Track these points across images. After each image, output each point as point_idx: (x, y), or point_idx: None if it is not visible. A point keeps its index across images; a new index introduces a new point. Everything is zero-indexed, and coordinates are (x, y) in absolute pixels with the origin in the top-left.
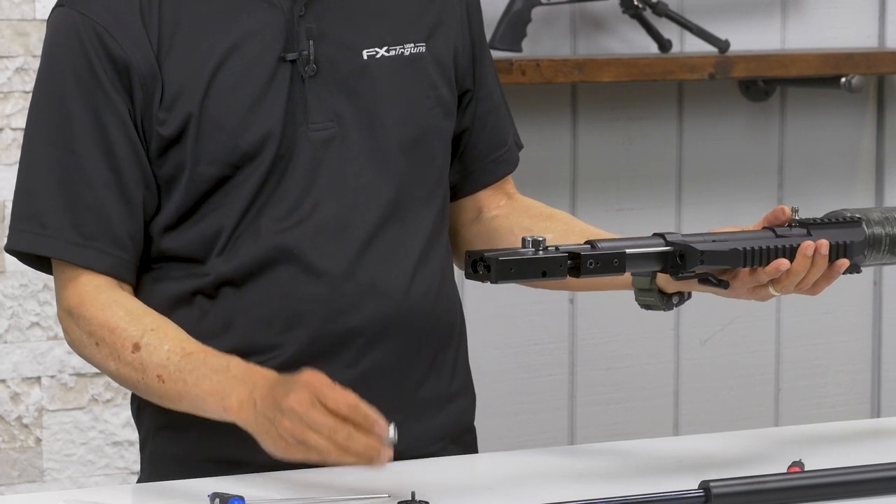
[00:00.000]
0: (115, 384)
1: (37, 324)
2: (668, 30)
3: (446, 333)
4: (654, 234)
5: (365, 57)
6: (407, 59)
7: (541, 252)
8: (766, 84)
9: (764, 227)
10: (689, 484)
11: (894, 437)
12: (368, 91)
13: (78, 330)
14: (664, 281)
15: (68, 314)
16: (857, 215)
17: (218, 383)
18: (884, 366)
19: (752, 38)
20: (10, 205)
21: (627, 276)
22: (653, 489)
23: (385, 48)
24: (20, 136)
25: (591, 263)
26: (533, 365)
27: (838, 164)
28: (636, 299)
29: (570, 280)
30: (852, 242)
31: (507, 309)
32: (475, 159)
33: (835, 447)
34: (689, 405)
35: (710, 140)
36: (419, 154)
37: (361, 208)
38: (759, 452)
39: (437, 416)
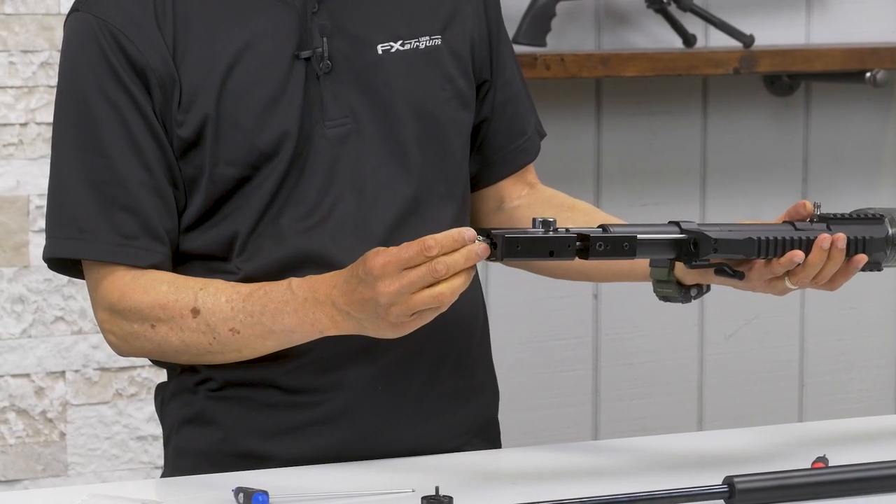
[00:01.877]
0: (139, 378)
1: (61, 318)
2: (693, 24)
3: (469, 328)
4: (670, 222)
5: (380, 51)
6: (422, 53)
7: (550, 232)
8: (790, 79)
9: (784, 221)
10: (713, 479)
11: None
12: (384, 86)
13: (125, 323)
14: (682, 272)
15: (111, 311)
16: (881, 213)
17: (296, 313)
18: None
19: (776, 32)
20: (35, 199)
21: (646, 268)
22: (677, 485)
23: (400, 42)
24: (45, 130)
25: (600, 246)
26: (556, 360)
27: (863, 158)
28: (654, 291)
29: (589, 269)
30: (871, 238)
31: (530, 304)
32: (495, 149)
33: (859, 443)
34: (712, 400)
35: (734, 135)
36: (437, 148)
37: (380, 205)
38: (783, 448)
39: (460, 411)
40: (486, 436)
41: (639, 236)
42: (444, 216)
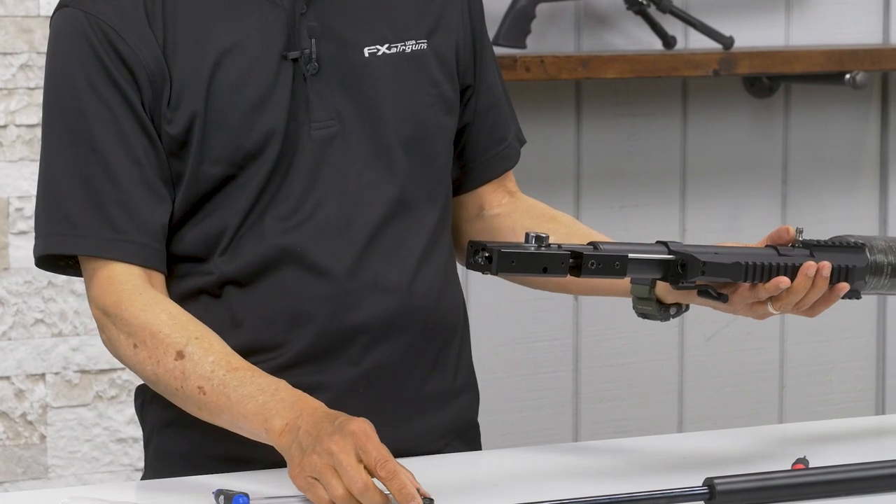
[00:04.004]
0: (119, 381)
1: (41, 320)
2: (673, 26)
3: (449, 330)
4: (658, 242)
5: (366, 54)
6: (408, 57)
7: (543, 248)
8: (770, 80)
9: (767, 246)
10: (693, 481)
11: None
12: (370, 89)
13: (115, 329)
14: (663, 291)
15: (104, 313)
16: (861, 241)
17: (264, 404)
18: (888, 363)
19: (756, 34)
20: (15, 202)
21: (626, 284)
22: (657, 486)
23: (386, 45)
24: (24, 132)
25: (592, 264)
26: (537, 361)
27: (843, 160)
28: (634, 308)
29: (569, 283)
30: (854, 267)
31: (511, 305)
32: (475, 155)
33: (839, 444)
34: (693, 402)
35: (714, 136)
36: (421, 152)
37: (364, 206)
38: (764, 449)
39: (440, 413)
40: (467, 438)
41: (630, 255)
42: (427, 220)
